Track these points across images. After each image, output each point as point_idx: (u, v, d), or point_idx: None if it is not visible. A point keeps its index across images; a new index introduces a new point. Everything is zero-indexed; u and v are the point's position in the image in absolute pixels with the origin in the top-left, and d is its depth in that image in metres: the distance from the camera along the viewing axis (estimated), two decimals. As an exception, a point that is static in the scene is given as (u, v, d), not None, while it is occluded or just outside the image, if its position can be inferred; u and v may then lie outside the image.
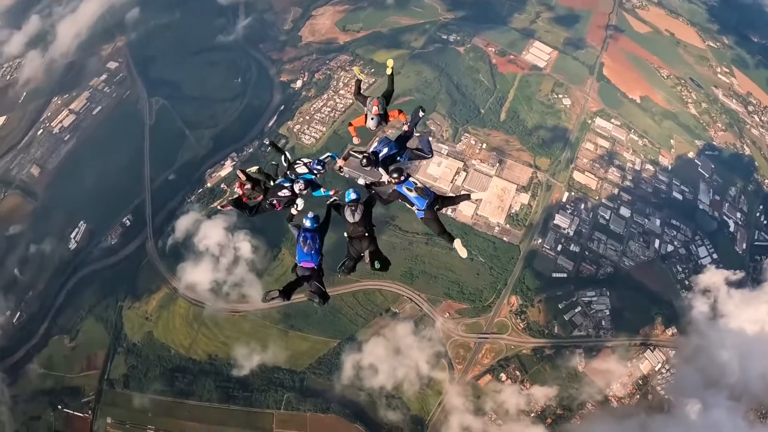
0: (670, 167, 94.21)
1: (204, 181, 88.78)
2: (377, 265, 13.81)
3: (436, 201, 14.63)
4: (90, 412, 75.27)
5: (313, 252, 13.94)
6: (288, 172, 16.46)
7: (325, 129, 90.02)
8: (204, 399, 74.36)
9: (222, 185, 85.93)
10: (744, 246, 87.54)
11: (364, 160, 15.06)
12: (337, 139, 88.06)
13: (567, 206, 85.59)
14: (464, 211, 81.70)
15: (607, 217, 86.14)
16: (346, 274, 14.11)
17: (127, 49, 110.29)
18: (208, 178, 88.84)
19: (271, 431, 72.67)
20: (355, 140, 17.60)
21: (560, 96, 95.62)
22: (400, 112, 16.76)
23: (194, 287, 79.56)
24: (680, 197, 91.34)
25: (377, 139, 16.23)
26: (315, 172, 16.24)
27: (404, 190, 14.53)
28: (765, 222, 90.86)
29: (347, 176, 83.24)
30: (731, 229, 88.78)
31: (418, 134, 16.84)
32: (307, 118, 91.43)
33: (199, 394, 74.62)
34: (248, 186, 15.95)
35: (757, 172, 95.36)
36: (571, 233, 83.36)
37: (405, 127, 16.62)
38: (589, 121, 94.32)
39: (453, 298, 76.83)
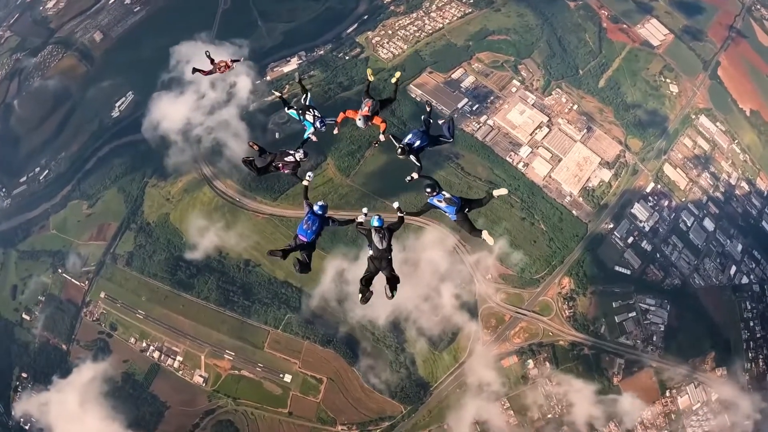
0: (765, 193, 73.43)
1: (264, 73, 73.18)
2: (392, 292, 13.25)
3: (464, 206, 14.66)
4: (87, 282, 64.76)
5: (309, 232, 14.10)
6: (300, 110, 17.11)
7: (407, 47, 72.79)
8: (201, 296, 61.37)
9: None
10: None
11: (399, 150, 15.43)
12: (417, 60, 71.31)
13: (649, 198, 66.24)
14: (537, 170, 63.49)
15: (689, 224, 66.86)
16: (365, 294, 13.09)
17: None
18: (269, 71, 73.26)
19: (261, 349, 58.51)
20: (335, 131, 17.42)
21: (668, 81, 75.08)
22: (383, 121, 16.44)
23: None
24: (768, 229, 70.69)
25: (412, 131, 15.97)
26: (317, 126, 16.79)
27: (435, 202, 14.57)
28: None
29: (418, 99, 67.36)
30: (812, 280, 68.05)
31: (443, 121, 16.28)
32: (390, 32, 74.12)
33: (198, 290, 61.62)
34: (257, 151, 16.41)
35: None
36: (647, 229, 64.50)
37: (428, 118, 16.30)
38: (693, 117, 73.83)
39: (501, 260, 59.16)
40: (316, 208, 14.25)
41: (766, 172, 75.16)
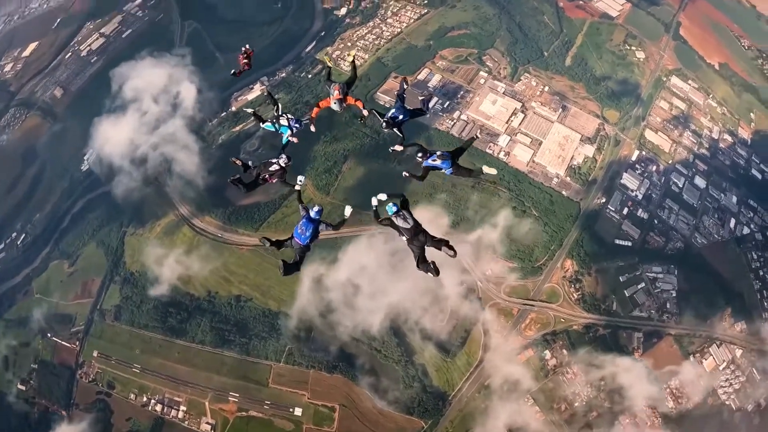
0: (749, 141, 71.60)
1: (229, 104, 70.20)
2: (453, 251, 13.12)
3: (455, 155, 15.16)
4: (78, 342, 60.72)
5: (303, 237, 14.04)
6: (274, 120, 16.89)
7: (368, 56, 70.25)
8: (196, 341, 57.39)
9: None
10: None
11: (384, 123, 15.85)
12: (380, 67, 68.62)
13: (636, 166, 63.59)
14: (519, 157, 60.49)
15: (681, 185, 64.26)
16: (429, 269, 13.11)
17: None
18: (233, 102, 70.30)
19: (265, 386, 54.12)
20: (312, 128, 17.69)
21: (633, 48, 73.19)
22: (357, 99, 16.38)
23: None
24: (759, 176, 69.73)
25: (395, 106, 16.42)
26: (293, 128, 16.67)
27: (431, 162, 15.04)
28: None
29: (388, 105, 64.36)
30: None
31: (422, 97, 17.11)
32: (349, 44, 71.63)
33: (192, 334, 57.68)
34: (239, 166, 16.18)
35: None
36: (640, 197, 61.69)
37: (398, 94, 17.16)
38: (665, 79, 71.86)
39: (499, 253, 55.67)
40: (311, 213, 14.14)
41: (746, 121, 73.41)
